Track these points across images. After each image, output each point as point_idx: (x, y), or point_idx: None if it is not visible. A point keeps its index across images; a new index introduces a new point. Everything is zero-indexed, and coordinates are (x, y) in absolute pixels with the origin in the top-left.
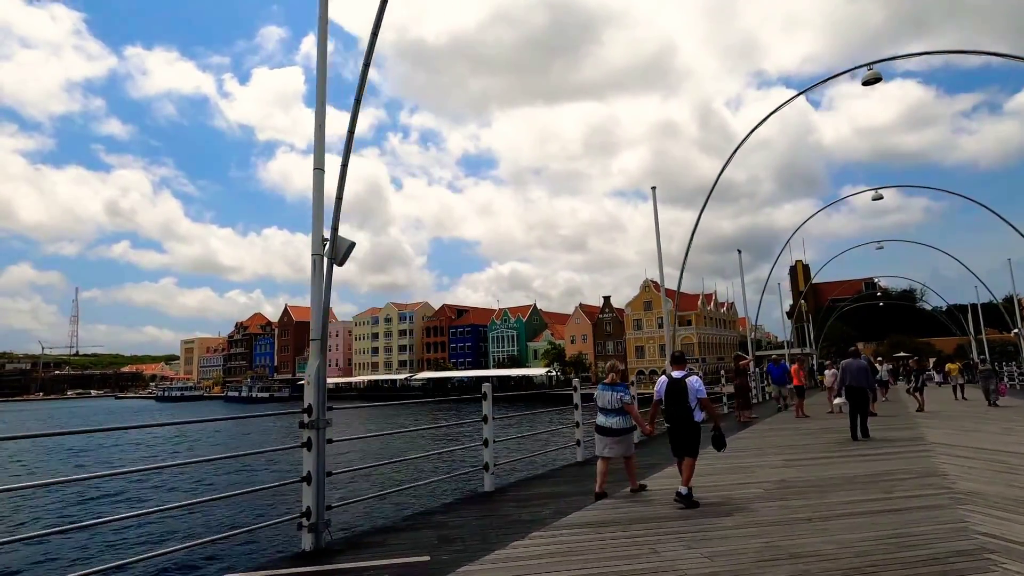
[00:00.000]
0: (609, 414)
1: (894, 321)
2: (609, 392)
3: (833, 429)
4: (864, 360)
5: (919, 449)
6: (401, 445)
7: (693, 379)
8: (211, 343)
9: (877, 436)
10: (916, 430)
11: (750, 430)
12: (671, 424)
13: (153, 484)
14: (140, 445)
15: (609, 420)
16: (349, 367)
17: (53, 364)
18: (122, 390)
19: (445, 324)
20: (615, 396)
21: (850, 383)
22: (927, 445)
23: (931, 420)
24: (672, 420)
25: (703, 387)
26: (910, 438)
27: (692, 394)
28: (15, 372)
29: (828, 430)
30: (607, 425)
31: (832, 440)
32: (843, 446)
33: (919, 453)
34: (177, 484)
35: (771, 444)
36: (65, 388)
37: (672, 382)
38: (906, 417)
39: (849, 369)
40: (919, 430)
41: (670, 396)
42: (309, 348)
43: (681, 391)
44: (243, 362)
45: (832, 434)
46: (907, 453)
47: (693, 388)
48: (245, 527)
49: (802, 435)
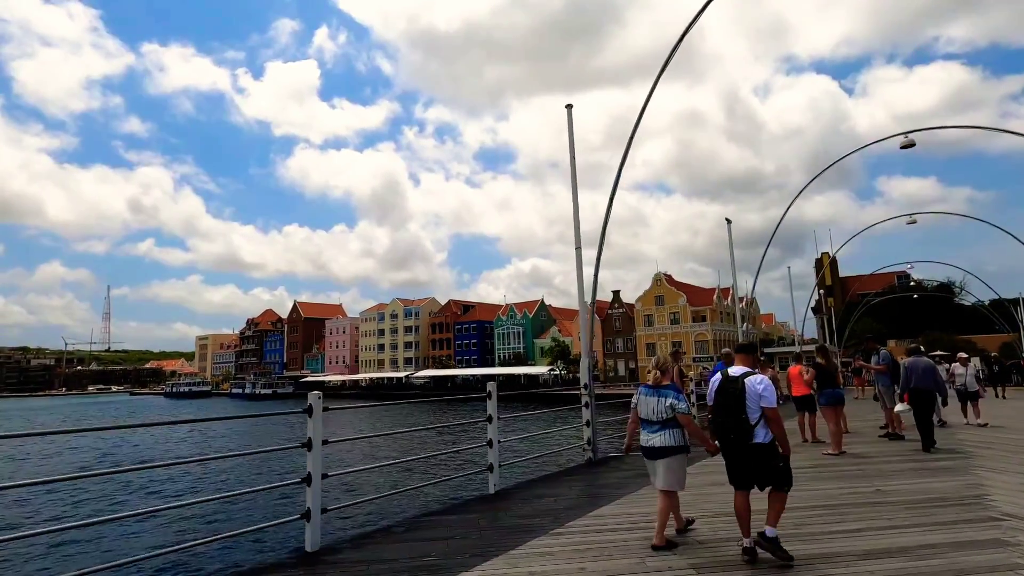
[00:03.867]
0: (653, 428)
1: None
2: (654, 397)
3: (873, 471)
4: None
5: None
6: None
7: (756, 379)
8: (224, 340)
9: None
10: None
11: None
12: (722, 443)
13: (150, 483)
14: (138, 446)
15: (652, 435)
16: (356, 364)
17: (76, 360)
18: (142, 386)
19: (451, 320)
20: (662, 403)
21: (916, 385)
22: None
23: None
24: (723, 437)
25: (772, 392)
26: None
27: (753, 401)
28: (39, 368)
29: (862, 475)
30: (649, 443)
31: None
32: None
33: None
34: (179, 483)
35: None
36: (87, 384)
37: (725, 381)
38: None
39: (915, 368)
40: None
41: (721, 402)
42: (320, 345)
43: (736, 395)
44: (254, 358)
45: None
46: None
47: (754, 392)
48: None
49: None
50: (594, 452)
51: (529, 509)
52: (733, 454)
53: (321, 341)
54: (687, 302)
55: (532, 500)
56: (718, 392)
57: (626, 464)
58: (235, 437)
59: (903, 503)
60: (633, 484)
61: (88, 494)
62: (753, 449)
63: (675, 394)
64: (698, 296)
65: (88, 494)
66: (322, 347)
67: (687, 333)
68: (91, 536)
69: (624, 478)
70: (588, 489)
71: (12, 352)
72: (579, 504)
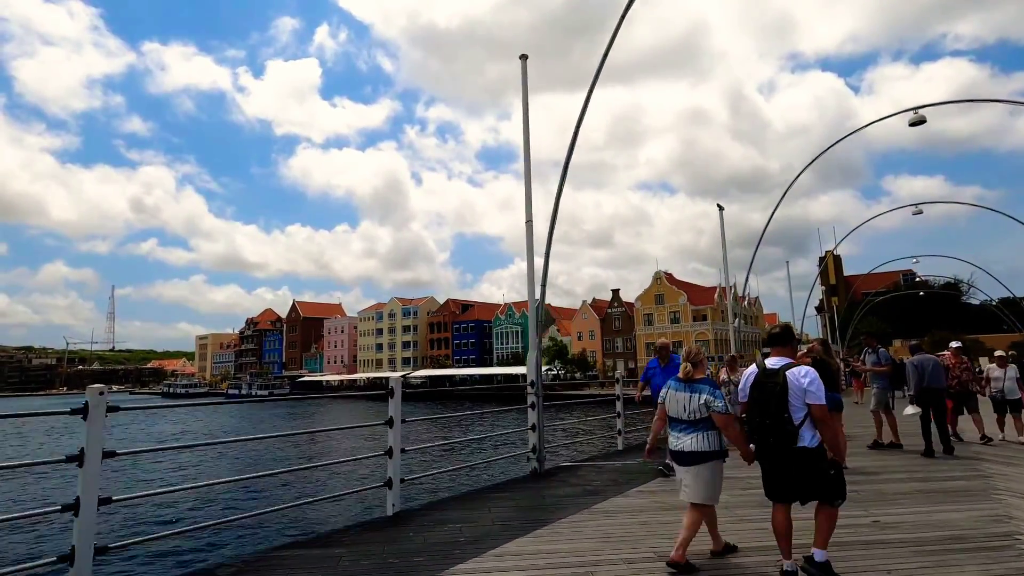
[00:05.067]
0: (683, 428)
1: (936, 316)
2: (685, 393)
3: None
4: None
5: None
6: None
7: (800, 372)
8: (225, 339)
9: None
10: None
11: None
12: (759, 448)
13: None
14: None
15: (682, 438)
16: (354, 364)
17: (78, 360)
18: (143, 385)
19: (449, 320)
20: (695, 400)
21: (929, 384)
22: None
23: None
24: (761, 440)
25: (820, 387)
26: None
27: (796, 397)
28: (40, 367)
29: (856, 498)
30: (678, 447)
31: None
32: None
33: None
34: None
35: None
36: (88, 383)
37: (763, 375)
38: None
39: (924, 367)
40: None
41: (758, 398)
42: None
43: (776, 391)
44: (253, 358)
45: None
46: None
47: (798, 387)
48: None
49: None
50: (539, 463)
51: (418, 542)
52: (773, 461)
53: (320, 341)
54: (688, 301)
55: (432, 527)
56: (753, 387)
57: (577, 478)
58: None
59: (909, 542)
60: (573, 506)
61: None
62: (798, 454)
63: (711, 389)
64: (699, 295)
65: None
66: (320, 347)
67: (687, 332)
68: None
69: (567, 496)
70: (515, 512)
71: (15, 352)
72: (490, 534)
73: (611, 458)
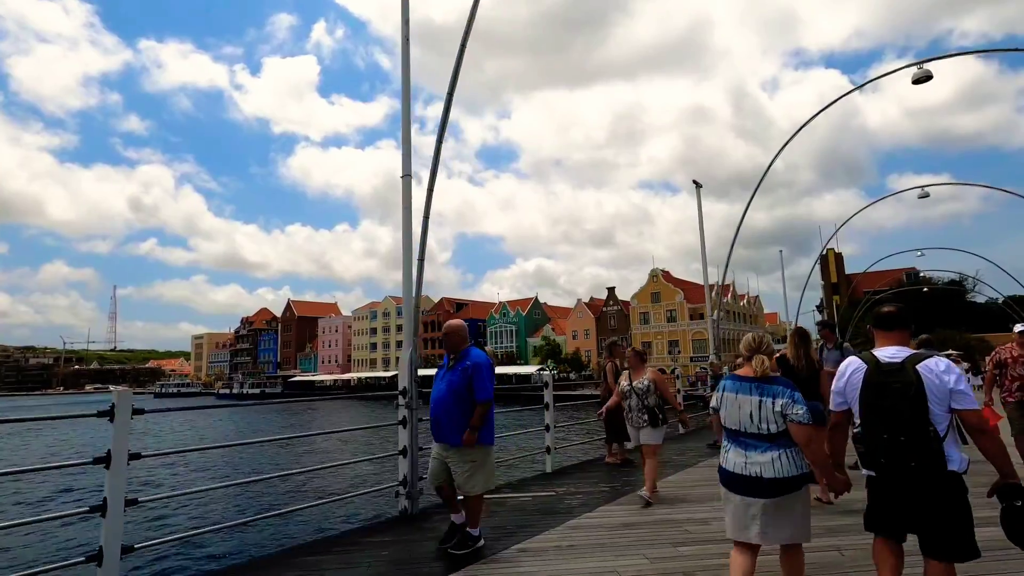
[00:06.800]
0: (750, 444)
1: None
2: (752, 396)
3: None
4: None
5: None
6: None
7: (938, 365)
8: (220, 339)
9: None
10: None
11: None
12: (890, 472)
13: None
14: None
15: (754, 458)
16: (348, 363)
17: (76, 359)
18: (140, 385)
19: (443, 319)
20: (768, 406)
21: None
22: None
23: None
24: (893, 464)
25: (966, 384)
26: None
27: (939, 402)
28: (37, 367)
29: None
30: (747, 471)
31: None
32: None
33: None
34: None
35: None
36: (85, 383)
37: (877, 372)
38: None
39: None
40: None
41: (880, 406)
42: (313, 344)
43: (911, 395)
44: (248, 358)
45: None
46: None
47: (939, 387)
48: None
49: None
50: (411, 500)
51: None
52: (908, 489)
53: (314, 340)
54: (684, 299)
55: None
56: (866, 390)
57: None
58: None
59: None
60: (453, 567)
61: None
62: (948, 481)
63: (790, 392)
64: (696, 293)
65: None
66: (315, 346)
67: (684, 331)
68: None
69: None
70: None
71: (15, 351)
72: None
73: (528, 486)
